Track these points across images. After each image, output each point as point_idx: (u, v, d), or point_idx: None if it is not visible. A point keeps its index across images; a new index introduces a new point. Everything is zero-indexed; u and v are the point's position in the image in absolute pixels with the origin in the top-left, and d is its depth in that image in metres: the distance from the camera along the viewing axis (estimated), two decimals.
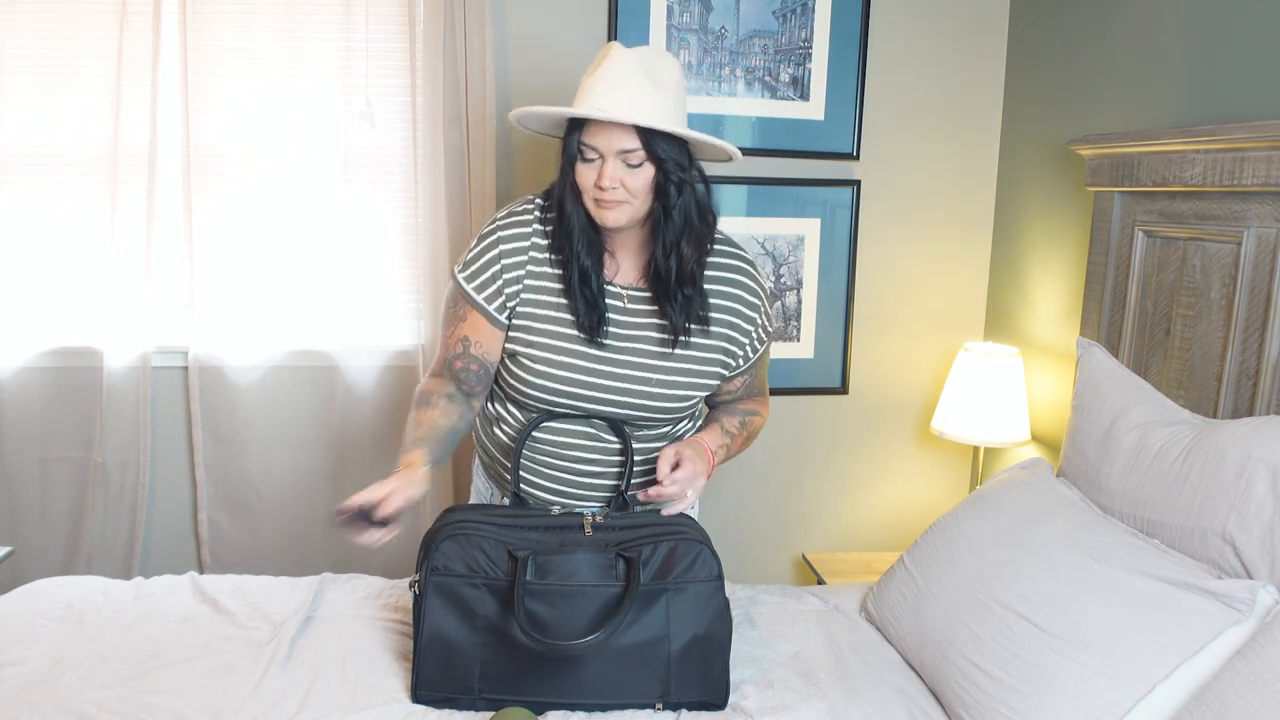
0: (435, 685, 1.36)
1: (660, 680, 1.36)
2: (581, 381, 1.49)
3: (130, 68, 2.19)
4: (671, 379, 1.51)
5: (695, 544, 1.39)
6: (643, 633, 1.36)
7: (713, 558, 1.40)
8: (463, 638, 1.36)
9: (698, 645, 1.37)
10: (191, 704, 1.32)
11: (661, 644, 1.36)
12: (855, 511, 2.70)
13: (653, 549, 1.38)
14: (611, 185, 1.38)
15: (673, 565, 1.38)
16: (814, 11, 2.40)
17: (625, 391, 1.50)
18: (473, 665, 1.35)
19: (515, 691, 1.36)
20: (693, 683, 1.38)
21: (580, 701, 1.36)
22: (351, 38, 2.26)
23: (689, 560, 1.38)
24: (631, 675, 1.36)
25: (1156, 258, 1.83)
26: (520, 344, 1.50)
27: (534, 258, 1.49)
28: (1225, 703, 1.14)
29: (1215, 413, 1.65)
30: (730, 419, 1.62)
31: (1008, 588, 1.43)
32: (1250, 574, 1.33)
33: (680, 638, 1.37)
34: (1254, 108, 1.68)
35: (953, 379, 2.35)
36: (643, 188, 1.40)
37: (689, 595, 1.38)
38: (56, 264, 2.28)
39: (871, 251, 2.57)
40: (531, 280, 1.49)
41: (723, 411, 1.64)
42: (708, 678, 1.38)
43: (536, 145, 2.37)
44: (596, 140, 1.37)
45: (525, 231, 1.50)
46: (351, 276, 2.36)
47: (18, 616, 1.56)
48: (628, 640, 1.35)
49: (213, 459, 2.38)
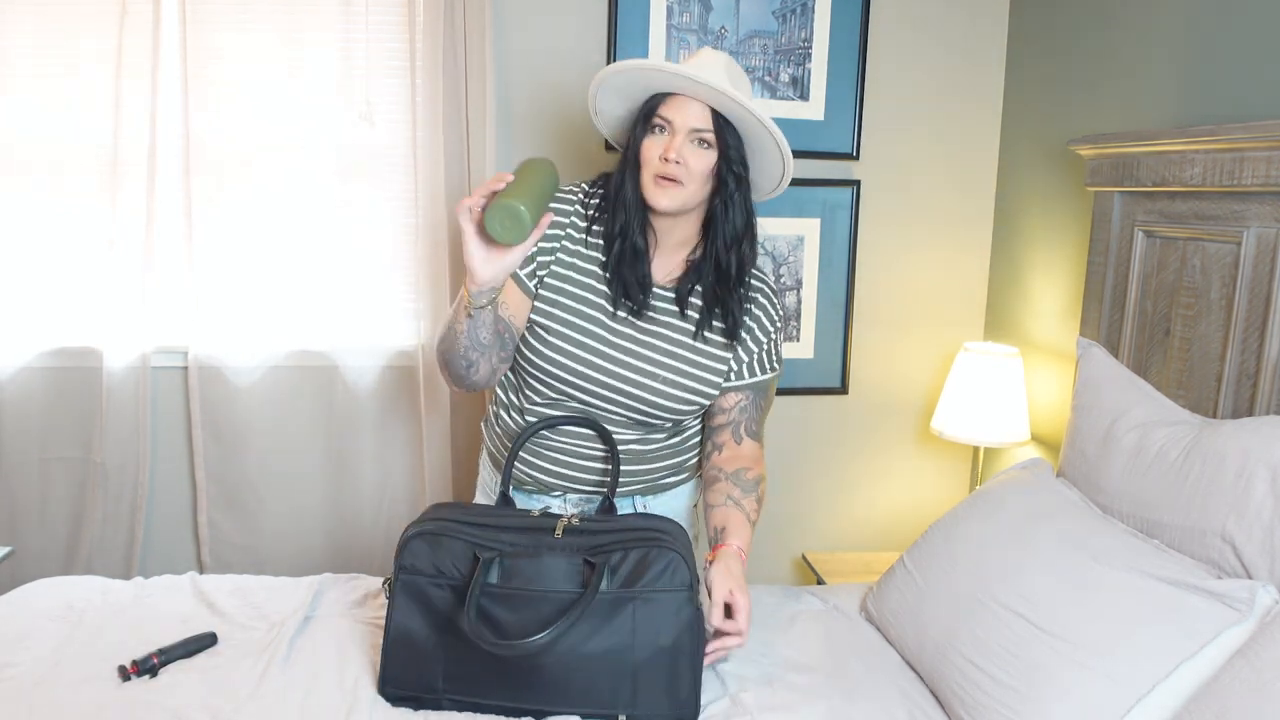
0: (401, 683, 1.36)
1: (624, 691, 1.32)
2: (596, 365, 1.50)
3: (130, 67, 2.19)
4: (679, 379, 1.52)
5: (668, 552, 1.34)
6: (606, 641, 1.31)
7: (685, 567, 1.34)
8: (427, 638, 1.35)
9: (664, 657, 1.32)
10: (191, 704, 1.32)
11: (626, 654, 1.32)
12: (855, 511, 2.70)
13: (623, 555, 1.34)
14: (677, 159, 1.42)
15: (643, 572, 1.33)
16: (814, 11, 2.40)
17: (635, 384, 1.51)
18: (436, 665, 1.35)
19: (478, 694, 1.34)
20: (659, 697, 1.33)
21: (543, 709, 1.33)
22: (351, 37, 2.26)
23: (660, 568, 1.33)
24: (594, 684, 1.32)
25: (1156, 258, 1.83)
26: (542, 316, 1.51)
27: (571, 235, 1.53)
28: (1225, 703, 1.14)
29: (1215, 413, 1.65)
30: (749, 499, 1.53)
31: (1008, 588, 1.43)
32: (1250, 574, 1.33)
33: (645, 648, 1.32)
34: (1253, 108, 1.68)
35: (953, 379, 2.35)
36: (702, 172, 1.45)
37: (657, 605, 1.32)
38: (56, 264, 2.27)
39: (871, 251, 2.57)
40: (565, 256, 1.52)
41: (736, 487, 1.54)
42: (675, 693, 1.33)
43: (537, 146, 2.38)
44: (673, 113, 1.44)
45: (566, 209, 1.54)
46: (351, 276, 2.36)
47: (17, 616, 1.56)
48: (591, 648, 1.31)
49: (213, 459, 2.38)
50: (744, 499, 1.53)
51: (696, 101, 1.43)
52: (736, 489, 1.54)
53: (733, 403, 1.60)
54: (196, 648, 1.47)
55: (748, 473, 1.56)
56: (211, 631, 1.51)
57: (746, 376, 1.59)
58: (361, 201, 2.33)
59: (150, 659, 1.40)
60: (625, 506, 1.64)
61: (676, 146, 1.43)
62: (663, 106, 1.45)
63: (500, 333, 1.45)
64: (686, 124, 1.43)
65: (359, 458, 2.42)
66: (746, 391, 1.60)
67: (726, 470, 1.57)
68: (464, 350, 1.42)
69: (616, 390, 1.51)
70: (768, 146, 1.48)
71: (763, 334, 1.59)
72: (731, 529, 1.47)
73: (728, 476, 1.56)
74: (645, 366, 1.51)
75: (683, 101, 1.44)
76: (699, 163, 1.44)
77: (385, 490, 2.45)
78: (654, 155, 1.45)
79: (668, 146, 1.43)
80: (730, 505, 1.52)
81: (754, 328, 1.58)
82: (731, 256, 1.51)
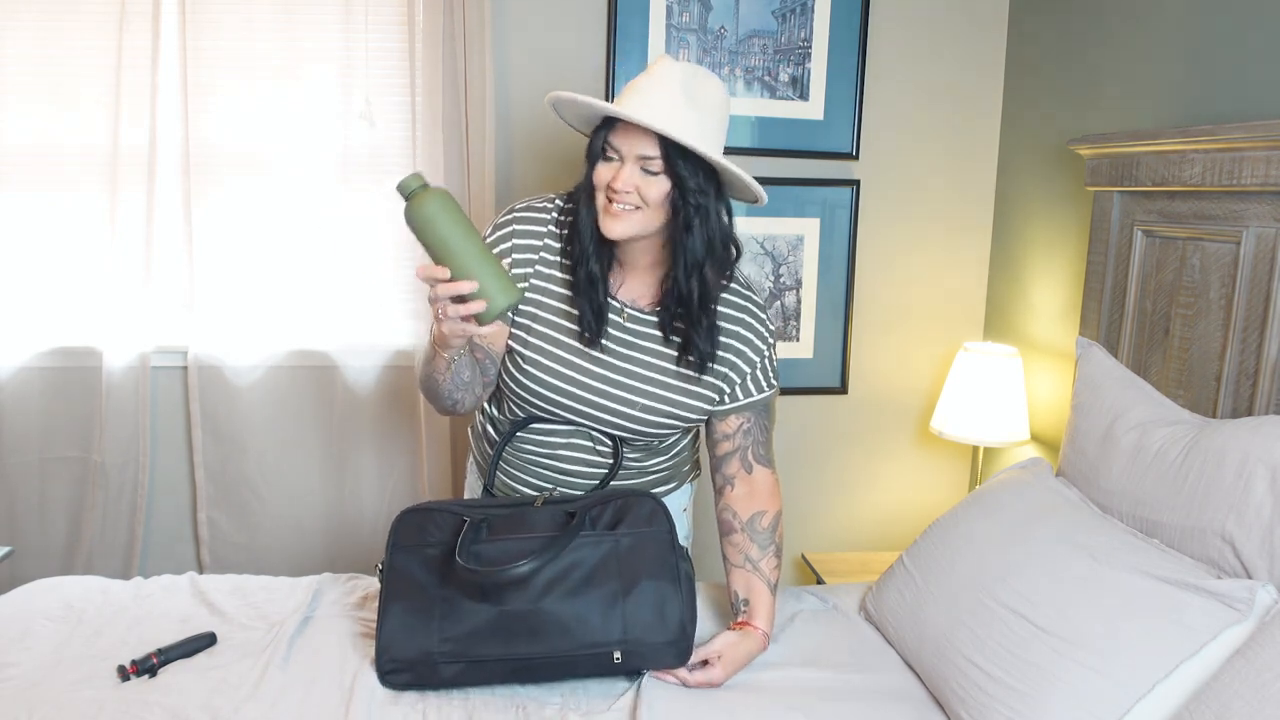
0: (399, 651, 1.38)
1: (615, 626, 1.38)
2: (570, 391, 1.49)
3: (130, 67, 2.19)
4: (658, 405, 1.51)
5: (648, 500, 1.45)
6: (593, 579, 1.39)
7: (664, 514, 1.45)
8: (424, 605, 1.39)
9: (650, 590, 1.40)
10: (191, 704, 1.32)
11: (614, 588, 1.39)
12: (855, 511, 2.70)
13: (602, 508, 1.45)
14: (625, 189, 1.37)
15: (624, 516, 1.43)
16: (813, 11, 2.40)
17: (611, 410, 1.50)
18: (432, 625, 1.38)
19: (474, 650, 1.37)
20: (651, 625, 1.39)
21: (537, 655, 1.37)
22: (351, 38, 2.26)
23: (641, 512, 1.44)
24: (586, 624, 1.37)
25: (1156, 257, 1.83)
26: (517, 341, 1.50)
27: (545, 258, 1.50)
28: (1224, 702, 1.14)
29: (1214, 412, 1.65)
30: (767, 557, 1.53)
31: (1007, 588, 1.43)
32: (1249, 574, 1.33)
33: (631, 583, 1.39)
34: (1252, 108, 1.68)
35: (952, 379, 2.35)
36: (657, 199, 1.38)
37: (640, 542, 1.42)
38: (56, 264, 2.27)
39: (871, 251, 2.57)
40: (539, 280, 1.50)
41: (754, 543, 1.53)
42: (665, 621, 1.40)
43: (537, 146, 2.38)
44: (620, 141, 1.38)
45: (540, 230, 1.51)
46: (351, 277, 2.36)
47: (17, 616, 1.56)
48: (579, 589, 1.38)
49: (212, 459, 2.38)
50: (762, 559, 1.53)
51: (641, 129, 1.35)
52: (754, 546, 1.53)
53: (734, 426, 1.56)
54: (196, 648, 1.47)
55: (763, 519, 1.54)
56: (211, 631, 1.51)
57: (742, 397, 1.55)
58: (361, 201, 2.33)
59: (149, 659, 1.40)
60: None
61: (624, 176, 1.37)
62: (611, 134, 1.38)
63: (480, 360, 1.49)
64: (633, 151, 1.36)
65: (359, 458, 2.42)
66: (746, 413, 1.56)
67: (741, 516, 1.55)
68: (448, 393, 1.47)
69: (595, 413, 1.50)
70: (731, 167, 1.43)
71: (754, 353, 1.55)
72: (756, 605, 1.51)
73: (743, 526, 1.55)
74: (623, 394, 1.49)
75: (628, 129, 1.37)
76: (651, 190, 1.37)
77: (385, 490, 2.45)
78: (604, 181, 1.39)
79: (615, 175, 1.37)
80: (750, 571, 1.53)
81: (744, 350, 1.54)
82: (693, 284, 1.43)
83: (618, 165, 1.38)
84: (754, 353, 1.55)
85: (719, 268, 1.45)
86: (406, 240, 2.37)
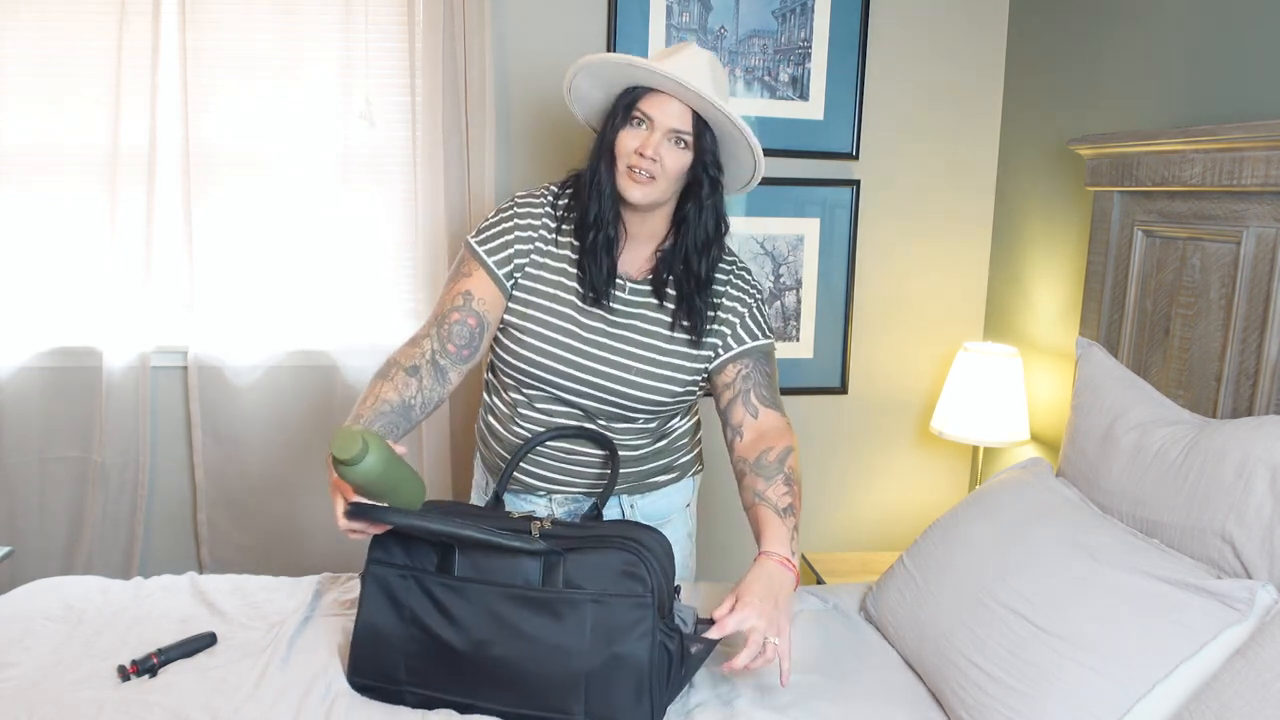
0: (366, 673, 1.37)
1: (576, 697, 1.27)
2: (568, 359, 1.50)
3: (130, 67, 2.19)
4: (655, 370, 1.52)
5: (633, 559, 1.29)
6: (559, 640, 1.28)
7: (648, 576, 1.28)
8: (392, 629, 1.35)
9: (615, 665, 1.27)
10: (191, 704, 1.32)
11: (578, 657, 1.27)
12: (855, 511, 2.70)
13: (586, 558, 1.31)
14: (653, 155, 1.41)
15: (601, 576, 1.29)
16: (813, 11, 2.40)
17: (609, 376, 1.50)
18: (398, 657, 1.35)
19: (436, 688, 1.33)
20: (616, 705, 1.27)
21: (495, 708, 1.31)
22: (351, 38, 2.26)
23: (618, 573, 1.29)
24: (547, 685, 1.28)
25: (1156, 257, 1.83)
26: (516, 315, 1.52)
27: (543, 235, 1.53)
28: (1225, 702, 1.14)
29: (1215, 412, 1.65)
30: (774, 485, 1.44)
31: (1007, 588, 1.43)
32: (1250, 574, 1.33)
33: (599, 654, 1.27)
34: (1252, 108, 1.68)
35: (952, 379, 2.35)
36: (676, 171, 1.44)
37: (613, 610, 1.28)
38: (56, 264, 2.28)
39: (871, 251, 2.57)
40: (538, 256, 1.52)
41: (759, 477, 1.45)
42: (628, 705, 1.27)
43: (537, 146, 2.38)
44: (654, 110, 1.42)
45: (539, 211, 1.54)
46: (351, 276, 2.36)
47: (17, 616, 1.56)
48: (544, 647, 1.28)
49: (212, 459, 2.38)
50: (769, 488, 1.43)
51: (678, 101, 1.41)
52: (760, 479, 1.45)
53: (733, 374, 1.54)
54: (196, 648, 1.47)
55: (769, 454, 1.47)
56: (211, 631, 1.51)
57: (735, 346, 1.54)
58: (361, 201, 2.34)
59: (149, 659, 1.40)
60: (613, 506, 1.63)
61: (654, 144, 1.41)
62: (643, 101, 1.42)
63: (474, 328, 1.48)
64: (666, 123, 1.41)
65: None
66: (743, 360, 1.54)
67: (749, 460, 1.48)
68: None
69: (592, 383, 1.51)
70: (740, 150, 1.48)
71: (741, 305, 1.55)
72: (765, 533, 1.39)
73: (750, 468, 1.47)
74: (618, 359, 1.51)
75: (664, 99, 1.41)
76: (674, 161, 1.43)
77: None
78: (630, 148, 1.42)
79: (645, 142, 1.41)
80: (758, 503, 1.43)
81: (732, 305, 1.55)
82: (702, 260, 1.50)
83: (646, 133, 1.42)
84: (740, 305, 1.56)
85: (721, 245, 1.53)
86: (406, 240, 2.37)
